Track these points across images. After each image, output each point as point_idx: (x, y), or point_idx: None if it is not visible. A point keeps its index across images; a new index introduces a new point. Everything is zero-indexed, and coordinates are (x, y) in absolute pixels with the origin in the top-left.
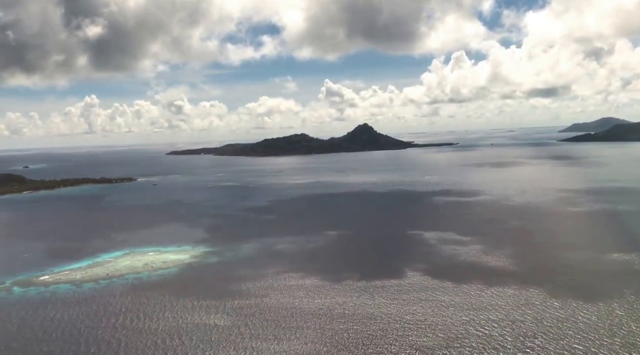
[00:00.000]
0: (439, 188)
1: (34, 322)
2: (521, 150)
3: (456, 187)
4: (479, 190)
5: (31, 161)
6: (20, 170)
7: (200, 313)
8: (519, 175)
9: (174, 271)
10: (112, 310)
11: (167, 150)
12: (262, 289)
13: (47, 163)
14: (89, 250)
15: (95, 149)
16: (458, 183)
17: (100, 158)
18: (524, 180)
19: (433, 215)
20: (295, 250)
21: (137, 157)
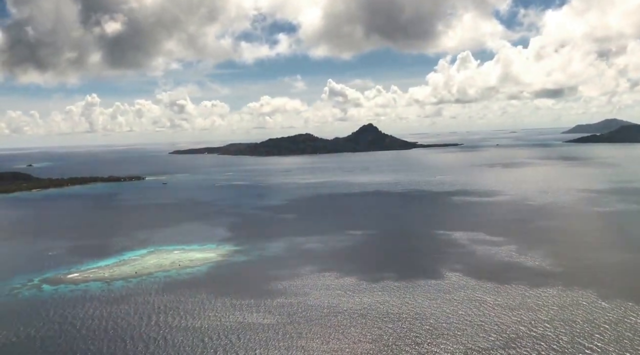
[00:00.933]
0: (454, 188)
1: (75, 320)
2: (529, 151)
3: (472, 187)
4: (497, 191)
5: (34, 160)
6: (24, 169)
7: (242, 312)
8: (533, 175)
9: (204, 269)
10: (151, 308)
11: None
12: (300, 288)
13: (50, 162)
14: (114, 248)
15: (96, 148)
16: (473, 183)
17: (103, 157)
18: (540, 180)
19: (457, 215)
20: (324, 250)
21: (140, 157)
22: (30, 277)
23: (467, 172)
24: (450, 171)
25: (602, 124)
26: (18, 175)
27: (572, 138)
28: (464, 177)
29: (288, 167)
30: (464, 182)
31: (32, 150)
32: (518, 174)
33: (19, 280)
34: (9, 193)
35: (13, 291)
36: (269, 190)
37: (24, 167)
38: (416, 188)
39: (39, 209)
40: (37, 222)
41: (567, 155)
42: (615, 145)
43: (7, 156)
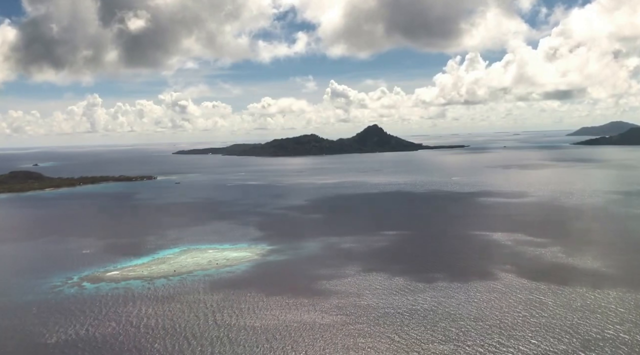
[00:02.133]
0: (477, 189)
1: (131, 318)
2: (539, 153)
3: (495, 189)
4: (522, 192)
5: (38, 159)
6: (33, 168)
7: (298, 311)
8: (552, 177)
9: (243, 268)
10: (204, 307)
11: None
12: (352, 289)
13: (54, 161)
14: (146, 247)
15: (97, 148)
16: (493, 184)
17: (106, 157)
18: (561, 182)
19: (489, 216)
20: (363, 250)
21: (144, 156)
22: (69, 275)
23: (483, 173)
24: (465, 172)
25: (608, 126)
26: (29, 174)
27: (579, 140)
28: (482, 178)
29: (298, 167)
30: (484, 183)
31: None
32: (536, 176)
33: (58, 278)
34: (23, 192)
35: (55, 289)
36: (287, 191)
37: (30, 166)
38: (437, 189)
39: (60, 207)
40: (63, 220)
41: (580, 157)
42: (626, 147)
43: (11, 155)
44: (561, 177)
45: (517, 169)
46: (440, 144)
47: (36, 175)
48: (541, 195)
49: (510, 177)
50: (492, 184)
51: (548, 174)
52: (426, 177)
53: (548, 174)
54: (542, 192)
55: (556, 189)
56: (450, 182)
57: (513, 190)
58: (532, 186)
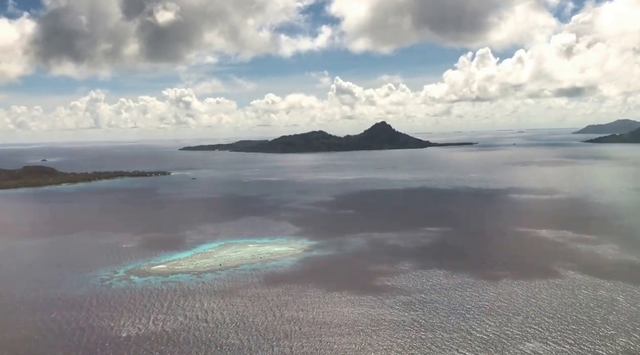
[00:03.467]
0: (501, 186)
1: (195, 312)
2: (552, 151)
3: (520, 185)
4: (550, 189)
5: (44, 155)
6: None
7: (365, 307)
8: (574, 174)
9: (290, 263)
10: (265, 301)
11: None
12: (413, 284)
13: (61, 157)
14: (184, 241)
15: (101, 143)
16: (516, 181)
17: (111, 153)
18: (585, 179)
19: (527, 212)
20: (411, 246)
21: (151, 153)
22: (113, 268)
23: (502, 170)
24: (482, 169)
25: (615, 124)
26: (43, 169)
27: (588, 138)
28: (502, 175)
29: (311, 164)
30: (506, 180)
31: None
32: (558, 173)
33: (103, 271)
34: (40, 186)
35: (104, 282)
36: (308, 187)
37: (39, 161)
38: (460, 185)
39: (85, 202)
40: (93, 215)
41: (595, 155)
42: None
43: (17, 151)
44: (583, 174)
45: (535, 166)
46: (448, 141)
47: (49, 170)
48: (571, 192)
49: (531, 174)
50: (515, 181)
51: (569, 171)
52: (444, 174)
53: (569, 171)
54: (570, 189)
55: (583, 186)
56: (471, 178)
57: (540, 187)
58: (557, 183)
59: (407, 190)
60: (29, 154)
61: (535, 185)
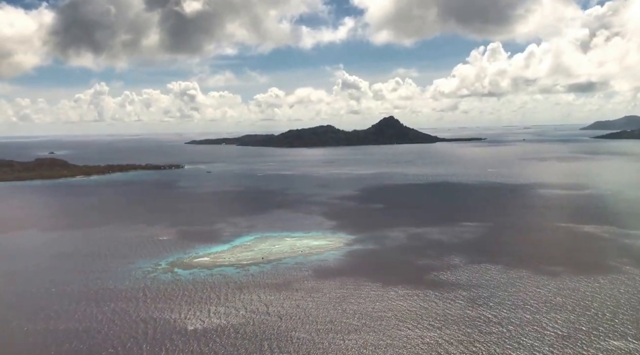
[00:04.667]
0: (526, 181)
1: (254, 306)
2: (565, 146)
3: (545, 180)
4: (579, 184)
5: (51, 148)
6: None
7: (428, 302)
8: (596, 170)
9: (334, 257)
10: (322, 295)
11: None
12: (471, 279)
13: (68, 150)
14: (220, 234)
15: (105, 137)
16: (538, 176)
17: (117, 146)
18: (610, 174)
19: (563, 208)
20: (455, 241)
21: (158, 146)
22: (155, 261)
23: (520, 165)
24: (499, 165)
25: (623, 120)
26: (55, 161)
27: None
28: (521, 170)
29: (322, 158)
30: (529, 175)
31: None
32: (581, 168)
33: (145, 264)
34: (54, 179)
35: (149, 275)
36: (328, 181)
37: (47, 154)
38: (483, 180)
39: (106, 194)
40: (119, 207)
41: (612, 151)
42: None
43: (23, 144)
44: (605, 170)
45: (555, 162)
46: (456, 136)
47: (62, 162)
48: (601, 187)
49: (553, 169)
50: (538, 176)
51: (591, 167)
52: (461, 169)
53: (590, 166)
54: (598, 184)
55: (611, 181)
56: (488, 173)
57: (567, 182)
58: (583, 178)
59: (430, 185)
60: (34, 147)
61: (562, 181)
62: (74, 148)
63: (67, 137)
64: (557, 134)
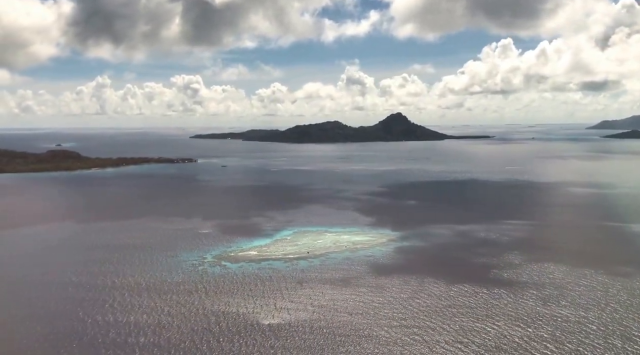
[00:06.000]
0: (554, 179)
1: (317, 300)
2: (578, 145)
3: (572, 179)
4: (609, 183)
5: (56, 140)
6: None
7: (500, 300)
8: (620, 169)
9: (381, 253)
10: (387, 292)
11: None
12: (535, 277)
13: (74, 142)
14: (259, 228)
15: (108, 130)
16: (563, 174)
17: (121, 139)
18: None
19: (603, 206)
20: (504, 239)
21: (163, 140)
22: (199, 254)
23: (539, 163)
24: (517, 162)
25: (630, 120)
26: (68, 153)
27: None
28: (543, 168)
29: (334, 154)
30: (553, 173)
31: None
32: (604, 167)
33: (191, 257)
34: (71, 171)
35: (198, 267)
36: (350, 177)
37: (54, 146)
38: (509, 178)
39: (128, 186)
40: (147, 199)
41: (630, 150)
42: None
43: (26, 136)
44: (629, 169)
45: (574, 160)
46: (463, 134)
47: (75, 154)
48: (632, 186)
49: (574, 168)
50: (563, 174)
51: (612, 166)
52: (479, 166)
53: (612, 165)
54: (628, 183)
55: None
56: (509, 171)
57: (595, 181)
58: (609, 177)
59: (455, 182)
60: (39, 139)
61: (589, 179)
62: (78, 140)
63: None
64: (564, 133)
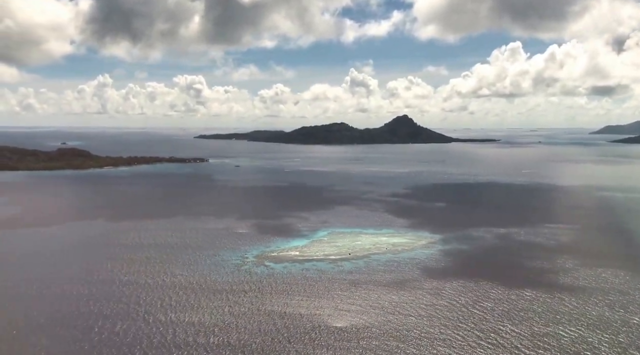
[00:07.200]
0: (577, 183)
1: (379, 303)
2: (589, 150)
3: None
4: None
5: (60, 138)
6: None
7: (567, 305)
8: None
9: (425, 256)
10: (448, 295)
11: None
12: (594, 282)
13: (78, 141)
14: (292, 228)
15: (109, 129)
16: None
17: (126, 138)
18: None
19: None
20: (550, 243)
21: (166, 140)
22: (240, 254)
23: (555, 167)
24: (532, 166)
25: (634, 125)
26: (78, 151)
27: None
28: (560, 172)
29: (343, 155)
30: (574, 177)
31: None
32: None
33: (232, 256)
34: (83, 169)
35: (241, 267)
36: (370, 179)
37: (59, 144)
38: (529, 181)
39: (148, 186)
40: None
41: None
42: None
43: (29, 134)
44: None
45: (590, 164)
46: (469, 137)
47: (85, 153)
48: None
49: (593, 172)
50: (584, 178)
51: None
52: (495, 169)
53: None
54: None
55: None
56: (527, 174)
57: (621, 185)
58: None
59: (478, 184)
60: (42, 137)
61: (614, 183)
62: (82, 139)
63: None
64: (569, 138)
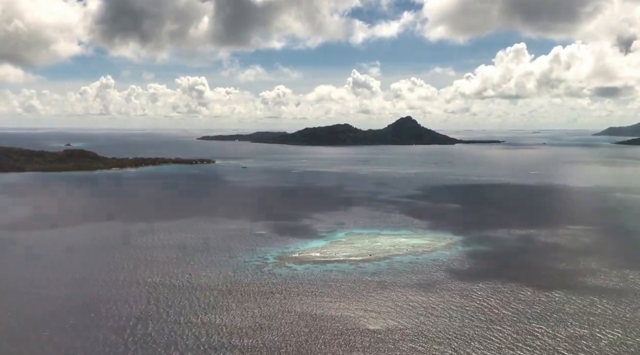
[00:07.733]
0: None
1: (409, 304)
2: (596, 151)
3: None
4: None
5: (64, 140)
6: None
7: (606, 307)
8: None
9: (446, 257)
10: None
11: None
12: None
13: (83, 142)
14: (310, 229)
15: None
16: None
17: (129, 140)
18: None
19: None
20: (574, 245)
21: (170, 141)
22: (259, 255)
23: (565, 168)
24: (540, 168)
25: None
26: (85, 153)
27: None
28: (571, 173)
29: (352, 157)
30: (585, 178)
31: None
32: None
33: (252, 257)
34: (92, 170)
35: (262, 269)
36: (380, 180)
37: (63, 146)
38: (541, 182)
39: (160, 187)
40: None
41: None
42: None
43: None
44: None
45: (598, 165)
46: (468, 138)
47: (92, 154)
48: None
49: (603, 173)
50: (595, 179)
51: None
52: (504, 170)
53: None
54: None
55: None
56: (537, 175)
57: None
58: None
59: (492, 186)
60: (46, 139)
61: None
62: (86, 140)
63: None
64: (572, 139)
